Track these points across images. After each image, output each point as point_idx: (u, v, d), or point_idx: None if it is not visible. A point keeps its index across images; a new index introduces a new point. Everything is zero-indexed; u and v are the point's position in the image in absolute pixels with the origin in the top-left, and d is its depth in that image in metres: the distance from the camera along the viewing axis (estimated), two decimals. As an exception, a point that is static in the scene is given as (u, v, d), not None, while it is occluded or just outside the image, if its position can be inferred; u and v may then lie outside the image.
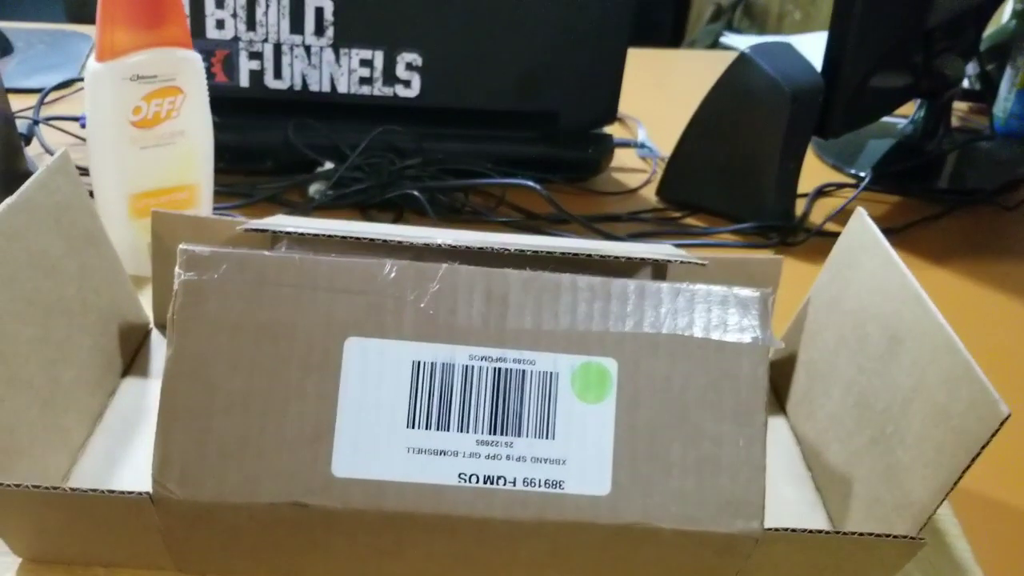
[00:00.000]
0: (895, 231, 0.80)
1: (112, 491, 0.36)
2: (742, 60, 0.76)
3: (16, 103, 0.85)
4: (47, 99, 0.87)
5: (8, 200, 0.43)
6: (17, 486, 0.36)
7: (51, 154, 0.78)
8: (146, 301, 0.56)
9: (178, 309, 0.36)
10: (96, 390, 0.49)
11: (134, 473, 0.45)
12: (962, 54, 0.94)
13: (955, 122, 1.03)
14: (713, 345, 0.38)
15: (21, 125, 0.79)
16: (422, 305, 0.37)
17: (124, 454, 0.47)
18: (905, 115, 0.99)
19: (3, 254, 0.42)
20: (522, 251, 0.42)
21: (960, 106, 1.11)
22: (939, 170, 0.95)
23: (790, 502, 0.47)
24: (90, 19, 0.55)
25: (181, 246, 0.37)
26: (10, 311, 0.42)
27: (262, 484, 0.36)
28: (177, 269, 0.37)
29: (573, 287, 0.38)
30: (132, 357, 0.53)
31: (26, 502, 0.37)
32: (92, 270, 0.50)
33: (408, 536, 0.37)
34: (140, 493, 0.36)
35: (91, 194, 0.58)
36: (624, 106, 0.97)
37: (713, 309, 0.38)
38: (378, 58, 0.77)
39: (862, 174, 0.89)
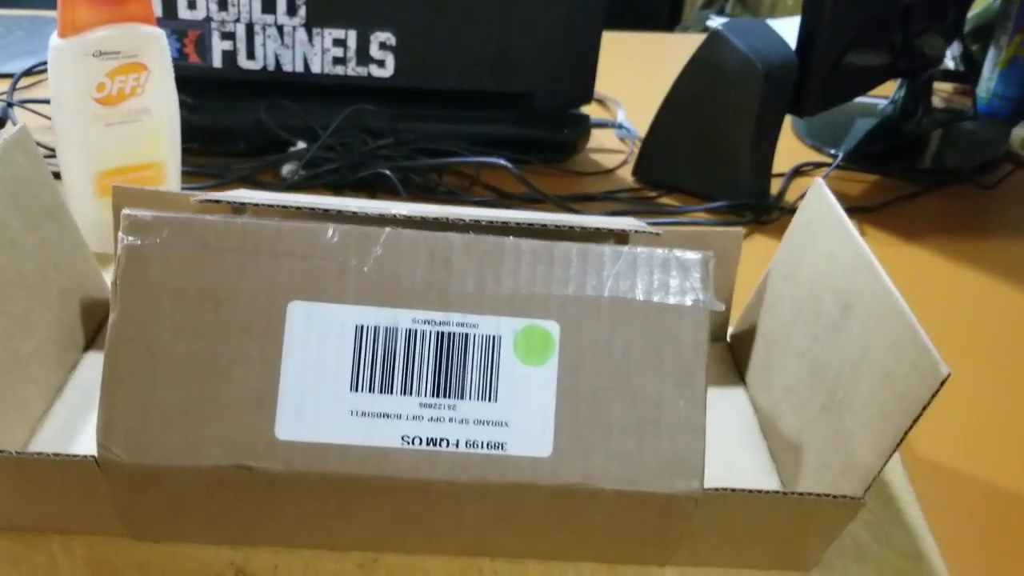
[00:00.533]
0: (870, 210, 0.80)
1: (58, 454, 0.37)
2: (714, 37, 0.76)
3: (-6, 87, 0.85)
4: (25, 83, 0.87)
5: (-39, 172, 0.43)
6: (-37, 450, 0.36)
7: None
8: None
9: (120, 274, 0.37)
10: (56, 364, 0.49)
11: (93, 444, 0.45)
12: (944, 34, 0.93)
13: (939, 103, 1.03)
14: (655, 308, 0.38)
15: (-4, 108, 0.79)
16: (365, 269, 0.37)
17: (84, 426, 0.47)
18: (887, 95, 0.99)
19: (-44, 225, 0.42)
20: (477, 221, 0.42)
21: (944, 87, 1.11)
22: (920, 150, 0.95)
23: (745, 471, 0.47)
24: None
25: (124, 211, 0.37)
26: (-36, 282, 0.42)
27: (205, 448, 0.36)
28: (119, 234, 0.37)
29: (516, 251, 0.38)
30: (95, 332, 0.54)
31: (-26, 467, 0.37)
32: (52, 245, 0.50)
33: (353, 499, 0.38)
34: (86, 457, 0.37)
35: (58, 176, 0.59)
36: (607, 88, 0.97)
37: (655, 272, 0.38)
38: (351, 38, 0.77)
39: (842, 154, 0.89)
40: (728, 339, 0.57)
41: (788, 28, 0.84)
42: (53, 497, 0.39)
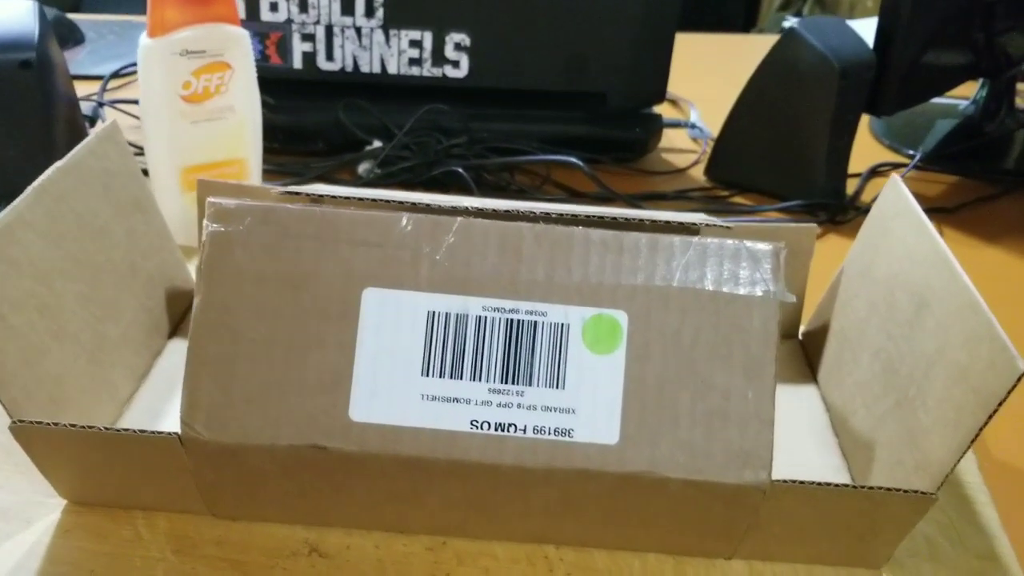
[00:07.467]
0: (949, 211, 0.79)
1: (143, 431, 0.38)
2: (790, 35, 0.75)
3: (87, 88, 0.89)
4: (114, 84, 0.91)
5: (57, 163, 0.46)
6: (56, 425, 0.38)
7: (116, 135, 0.81)
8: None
9: (205, 259, 0.38)
10: (142, 349, 0.51)
11: (177, 427, 0.47)
12: (1029, 33, 0.91)
13: (1022, 104, 1.00)
14: (724, 298, 0.38)
15: (87, 108, 0.83)
16: (437, 257, 0.38)
17: (168, 409, 0.49)
18: (967, 96, 0.97)
19: (52, 214, 0.44)
20: (547, 213, 0.42)
21: (1029, 88, 1.08)
22: (1002, 151, 0.92)
23: (815, 467, 0.47)
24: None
25: (209, 199, 0.39)
26: (58, 268, 0.44)
27: (283, 427, 0.38)
28: (205, 221, 0.38)
29: (586, 240, 0.39)
30: (179, 320, 0.56)
31: (67, 442, 0.39)
32: (139, 235, 0.52)
33: (423, 481, 0.39)
34: (170, 434, 0.38)
35: (146, 172, 0.61)
36: (680, 89, 0.97)
37: (725, 263, 0.38)
38: (427, 39, 0.78)
39: (920, 154, 0.87)
40: (800, 337, 0.57)
41: (866, 28, 0.83)
42: (138, 473, 0.41)
